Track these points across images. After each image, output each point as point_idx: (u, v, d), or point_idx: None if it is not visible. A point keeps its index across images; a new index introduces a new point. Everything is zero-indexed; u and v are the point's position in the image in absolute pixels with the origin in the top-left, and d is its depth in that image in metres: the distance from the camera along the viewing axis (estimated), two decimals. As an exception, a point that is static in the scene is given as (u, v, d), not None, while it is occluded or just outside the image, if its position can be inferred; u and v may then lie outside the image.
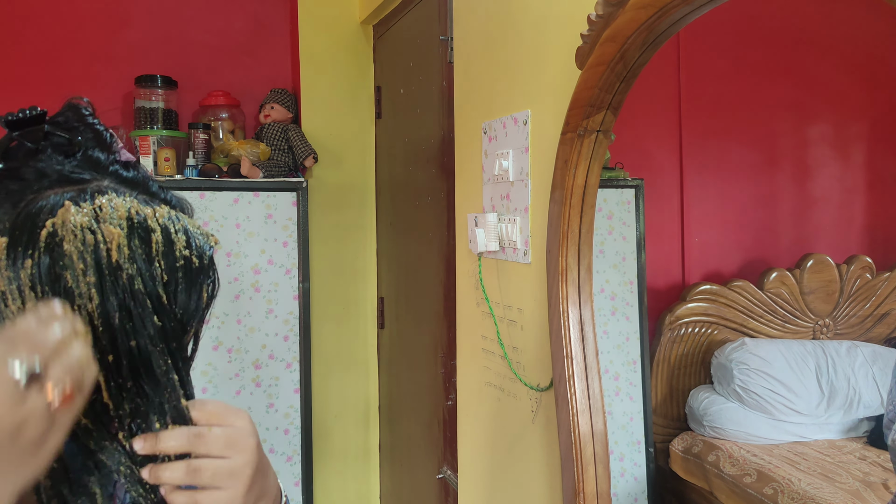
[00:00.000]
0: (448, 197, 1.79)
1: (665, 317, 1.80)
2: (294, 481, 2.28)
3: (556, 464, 1.27)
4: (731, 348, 1.85)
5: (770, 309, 1.92)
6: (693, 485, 1.76)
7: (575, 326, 1.14)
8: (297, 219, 2.25)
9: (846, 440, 1.81)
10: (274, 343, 2.25)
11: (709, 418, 1.80)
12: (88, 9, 2.31)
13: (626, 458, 1.59)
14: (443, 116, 1.82)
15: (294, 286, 2.26)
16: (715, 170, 1.77)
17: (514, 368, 1.41)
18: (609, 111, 1.07)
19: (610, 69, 1.02)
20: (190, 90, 2.39)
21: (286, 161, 2.30)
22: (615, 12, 0.97)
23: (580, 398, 1.12)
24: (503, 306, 1.45)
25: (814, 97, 1.93)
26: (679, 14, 0.91)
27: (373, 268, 2.56)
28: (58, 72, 2.28)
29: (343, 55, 2.48)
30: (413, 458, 2.19)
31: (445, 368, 1.85)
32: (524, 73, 1.35)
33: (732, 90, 1.75)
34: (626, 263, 1.58)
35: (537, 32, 1.30)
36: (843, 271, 2.00)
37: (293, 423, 2.28)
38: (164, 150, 2.16)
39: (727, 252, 1.88)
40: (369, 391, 2.56)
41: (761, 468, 1.66)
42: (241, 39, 2.50)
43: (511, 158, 1.38)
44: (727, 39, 1.71)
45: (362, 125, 2.52)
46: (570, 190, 1.13)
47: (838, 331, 2.00)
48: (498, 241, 1.43)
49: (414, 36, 2.07)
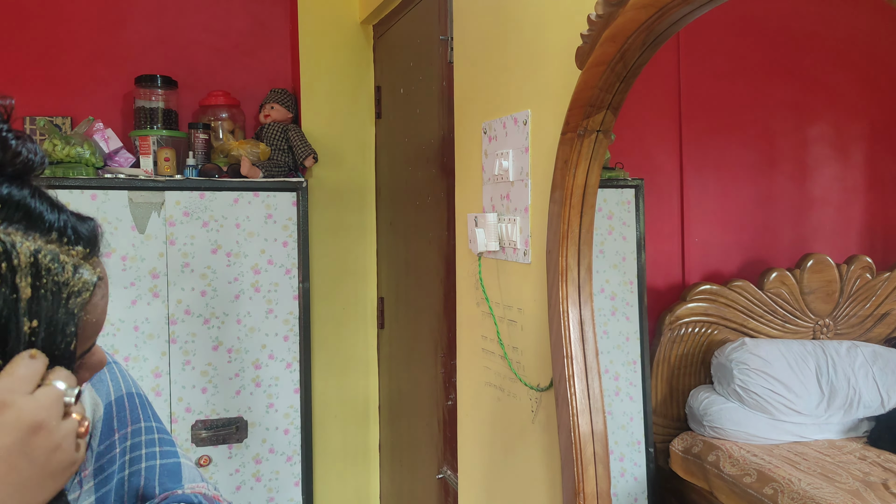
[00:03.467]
0: (448, 197, 1.79)
1: (665, 317, 1.80)
2: (294, 481, 2.28)
3: (556, 464, 1.27)
4: (731, 348, 1.85)
5: (770, 309, 1.92)
6: (693, 485, 1.76)
7: (575, 326, 1.14)
8: (296, 219, 2.25)
9: (846, 440, 1.81)
10: (274, 343, 2.25)
11: (709, 418, 1.80)
12: (88, 9, 2.31)
13: (626, 458, 1.59)
14: (443, 116, 1.82)
15: (294, 286, 2.26)
16: (715, 170, 1.77)
17: (514, 368, 1.41)
18: (609, 111, 1.07)
19: (610, 69, 1.02)
20: (190, 90, 2.39)
21: (286, 161, 2.30)
22: (615, 12, 0.97)
23: (580, 398, 1.12)
24: (503, 306, 1.45)
25: (814, 97, 1.93)
26: (679, 14, 0.91)
27: (373, 268, 2.56)
28: (58, 72, 2.28)
29: (343, 55, 2.48)
30: (413, 457, 2.19)
31: (445, 368, 1.85)
32: (524, 73, 1.35)
33: (732, 90, 1.75)
34: (626, 263, 1.58)
35: (537, 32, 1.30)
36: (843, 271, 2.00)
37: (293, 423, 2.28)
38: (164, 150, 2.16)
39: (727, 252, 1.88)
40: (369, 391, 2.56)
41: (761, 468, 1.66)
42: (241, 39, 2.50)
43: (511, 158, 1.38)
44: (727, 39, 1.71)
45: (362, 125, 2.52)
46: (570, 190, 1.13)
47: (838, 331, 2.00)
48: (498, 241, 1.43)
49: (414, 36, 2.07)
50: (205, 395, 2.17)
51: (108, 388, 0.76)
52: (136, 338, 2.09)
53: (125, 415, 0.76)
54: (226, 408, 2.20)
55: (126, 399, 0.78)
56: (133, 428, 0.76)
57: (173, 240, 2.12)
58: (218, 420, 2.19)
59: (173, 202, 2.11)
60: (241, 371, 2.22)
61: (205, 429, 2.17)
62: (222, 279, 2.18)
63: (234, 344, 2.21)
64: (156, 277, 2.10)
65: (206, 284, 2.16)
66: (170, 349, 2.13)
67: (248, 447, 2.23)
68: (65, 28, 2.29)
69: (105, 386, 0.76)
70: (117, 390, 0.77)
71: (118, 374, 0.79)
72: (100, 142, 2.13)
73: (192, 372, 2.16)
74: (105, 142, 2.15)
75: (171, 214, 2.11)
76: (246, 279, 2.21)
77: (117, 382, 0.78)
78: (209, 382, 2.18)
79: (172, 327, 2.13)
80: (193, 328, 2.15)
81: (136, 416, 0.78)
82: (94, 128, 2.14)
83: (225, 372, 2.20)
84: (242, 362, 2.22)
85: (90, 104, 2.32)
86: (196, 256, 2.14)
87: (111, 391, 0.76)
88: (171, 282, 2.12)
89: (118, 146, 2.18)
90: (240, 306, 2.21)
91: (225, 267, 2.18)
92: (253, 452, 2.23)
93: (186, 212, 2.13)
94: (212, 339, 2.18)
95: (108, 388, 0.76)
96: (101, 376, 0.77)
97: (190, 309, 2.15)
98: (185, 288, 2.14)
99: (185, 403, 2.15)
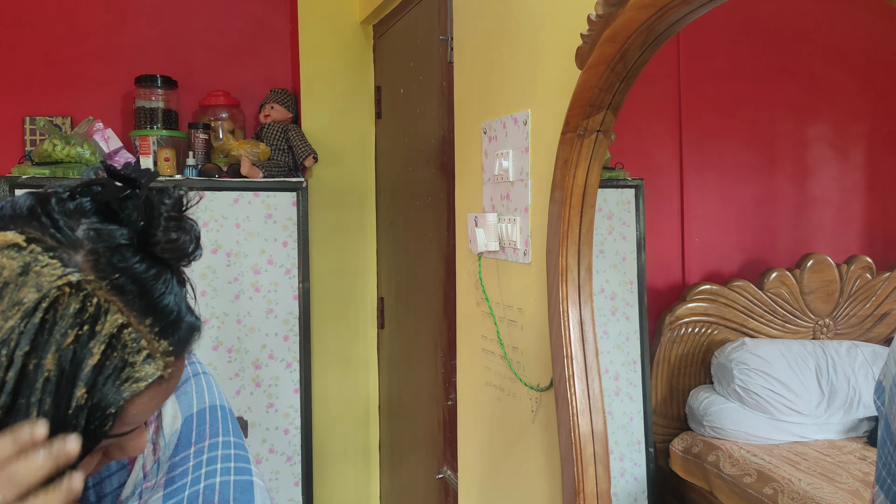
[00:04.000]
0: (448, 197, 1.79)
1: (665, 317, 1.80)
2: (294, 481, 2.28)
3: (556, 464, 1.27)
4: (731, 348, 1.85)
5: (770, 309, 1.92)
6: (693, 485, 1.76)
7: (575, 326, 1.14)
8: (297, 219, 2.25)
9: (846, 440, 1.81)
10: (274, 343, 2.25)
11: (709, 418, 1.80)
12: (88, 9, 2.31)
13: (626, 458, 1.59)
14: (443, 116, 1.82)
15: (294, 286, 2.26)
16: (715, 170, 1.77)
17: (514, 368, 1.41)
18: (609, 111, 1.07)
19: (610, 69, 1.02)
20: (190, 90, 2.39)
21: (286, 161, 2.30)
22: (615, 12, 0.97)
23: (580, 398, 1.12)
24: (503, 306, 1.45)
25: (814, 97, 1.93)
26: (679, 14, 0.91)
27: (373, 268, 2.56)
28: (58, 72, 2.28)
29: (343, 55, 2.48)
30: (413, 457, 2.19)
31: (445, 368, 1.85)
32: (524, 73, 1.35)
33: (732, 90, 1.75)
34: (626, 263, 1.58)
35: (537, 32, 1.30)
36: (843, 271, 2.00)
37: (293, 423, 2.28)
38: (163, 150, 2.16)
39: (727, 252, 1.88)
40: (369, 391, 2.56)
41: (761, 468, 1.66)
42: (241, 39, 2.50)
43: (511, 158, 1.38)
44: (727, 39, 1.71)
45: (362, 125, 2.52)
46: (570, 190, 1.13)
47: (838, 331, 2.00)
48: (498, 241, 1.43)
49: (414, 36, 2.07)
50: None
51: (191, 399, 0.76)
52: (136, 338, 2.09)
53: (205, 428, 0.75)
54: (226, 408, 2.20)
55: (208, 412, 0.76)
56: (211, 442, 0.75)
57: (173, 240, 2.11)
58: (218, 420, 2.19)
59: (173, 202, 2.11)
60: (241, 371, 2.22)
61: (205, 429, 2.17)
62: (222, 279, 2.18)
63: (234, 344, 2.21)
64: (156, 277, 2.10)
65: (206, 284, 2.16)
66: (170, 349, 2.13)
67: (247, 447, 2.22)
68: (65, 28, 2.29)
69: (189, 398, 0.76)
70: (200, 402, 0.76)
71: (204, 385, 0.78)
72: (100, 142, 2.13)
73: (192, 372, 2.15)
74: (105, 142, 2.15)
75: (171, 214, 2.11)
76: (246, 279, 2.21)
77: (202, 395, 0.77)
78: (209, 382, 2.18)
79: (172, 327, 2.13)
80: (193, 328, 2.15)
81: (216, 429, 0.76)
82: (94, 128, 2.14)
83: (225, 372, 2.20)
84: (242, 362, 2.22)
85: (90, 104, 2.32)
86: (196, 256, 2.14)
87: (194, 403, 0.76)
88: (171, 282, 2.12)
89: (118, 146, 2.18)
90: (240, 306, 2.21)
91: (225, 267, 2.18)
92: (253, 452, 2.23)
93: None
94: (212, 339, 2.18)
95: (191, 400, 0.76)
96: (187, 388, 0.76)
97: (190, 309, 2.14)
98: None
99: (185, 403, 2.15)
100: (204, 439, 0.75)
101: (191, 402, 0.76)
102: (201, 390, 0.78)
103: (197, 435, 0.74)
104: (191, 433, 0.74)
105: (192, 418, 0.75)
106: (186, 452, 0.73)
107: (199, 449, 0.74)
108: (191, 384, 0.77)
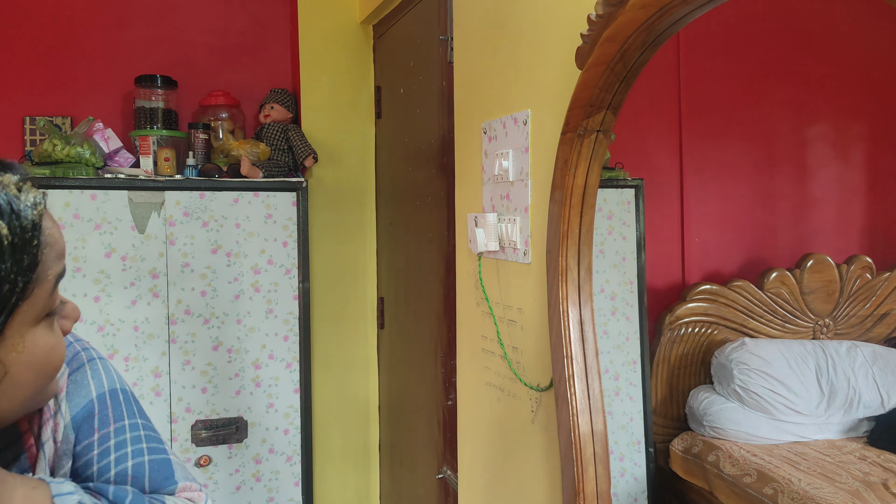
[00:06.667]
0: (448, 197, 1.79)
1: (665, 317, 1.80)
2: (294, 481, 2.28)
3: (556, 464, 1.27)
4: (731, 348, 1.85)
5: (770, 309, 1.92)
6: (693, 485, 1.76)
7: (575, 326, 1.14)
8: (296, 219, 2.25)
9: (846, 440, 1.81)
10: (274, 343, 2.25)
11: (709, 418, 1.80)
12: (88, 8, 2.31)
13: (626, 458, 1.59)
14: (443, 116, 1.82)
15: (294, 286, 2.26)
16: (715, 170, 1.77)
17: (514, 368, 1.41)
18: (609, 111, 1.07)
19: (610, 69, 1.02)
20: (190, 90, 2.39)
21: (286, 161, 2.30)
22: (615, 12, 0.97)
23: (580, 398, 1.12)
24: (503, 306, 1.45)
25: (814, 97, 1.93)
26: (679, 14, 0.91)
27: (373, 268, 2.56)
28: (58, 72, 2.29)
29: (343, 55, 2.48)
30: (413, 457, 2.19)
31: (445, 368, 1.85)
32: (524, 73, 1.35)
33: (732, 90, 1.75)
34: (626, 263, 1.58)
35: (537, 32, 1.30)
36: (843, 271, 2.00)
37: (293, 423, 2.28)
38: (164, 150, 2.16)
39: (727, 252, 1.88)
40: (369, 391, 2.56)
41: (761, 468, 1.66)
42: (241, 39, 2.50)
43: (511, 158, 1.38)
44: (727, 39, 1.71)
45: (362, 125, 2.52)
46: (570, 190, 1.13)
47: (838, 331, 2.00)
48: (498, 241, 1.43)
49: (414, 36, 2.07)
50: (205, 395, 2.17)
51: (88, 388, 0.74)
52: (137, 338, 2.09)
53: (107, 413, 0.74)
54: (226, 408, 2.20)
55: (108, 396, 0.75)
56: (116, 426, 0.73)
57: (173, 240, 2.12)
58: (218, 420, 2.19)
59: (173, 202, 2.11)
60: (241, 371, 2.22)
61: (205, 429, 2.17)
62: (222, 279, 2.18)
63: (234, 344, 2.21)
64: (156, 277, 2.10)
65: (206, 284, 2.16)
66: (170, 349, 2.13)
67: (248, 447, 2.23)
68: (65, 28, 2.29)
69: (85, 388, 0.74)
70: (99, 388, 0.75)
71: (101, 370, 0.77)
72: (100, 142, 2.13)
73: (192, 372, 2.16)
74: (105, 142, 2.15)
75: (171, 214, 2.11)
76: (246, 279, 2.21)
77: (99, 380, 0.76)
78: (209, 382, 2.18)
79: (172, 327, 2.13)
80: (193, 328, 2.15)
81: (120, 413, 0.75)
82: (94, 128, 2.14)
83: (225, 372, 2.20)
84: (242, 362, 2.22)
85: (90, 104, 2.32)
86: (196, 256, 2.14)
87: (92, 389, 0.74)
88: (171, 282, 2.12)
89: (118, 146, 2.18)
90: (240, 306, 2.21)
91: (225, 267, 2.19)
92: (253, 452, 2.23)
93: (186, 212, 2.13)
94: (212, 339, 2.18)
95: (88, 388, 0.74)
96: (83, 379, 0.74)
97: (190, 309, 2.15)
98: (185, 288, 2.14)
99: (185, 403, 2.15)
100: (108, 424, 0.73)
101: (88, 388, 0.74)
102: (98, 375, 0.76)
103: (100, 421, 0.73)
104: (92, 419, 0.72)
105: (92, 403, 0.73)
106: (90, 440, 0.72)
107: (104, 435, 0.72)
108: (85, 370, 0.75)
